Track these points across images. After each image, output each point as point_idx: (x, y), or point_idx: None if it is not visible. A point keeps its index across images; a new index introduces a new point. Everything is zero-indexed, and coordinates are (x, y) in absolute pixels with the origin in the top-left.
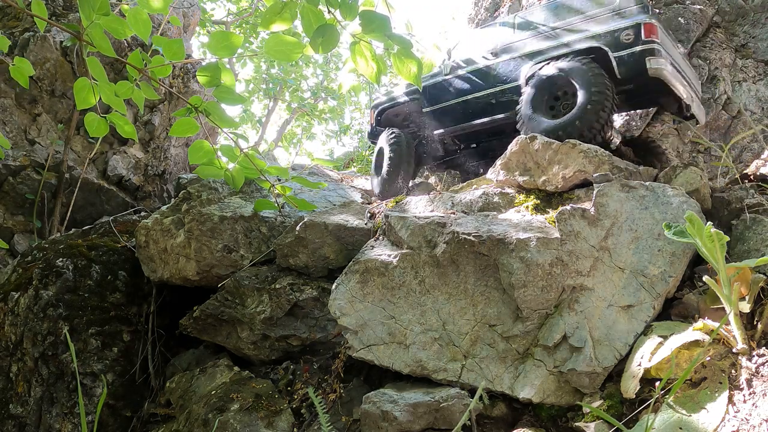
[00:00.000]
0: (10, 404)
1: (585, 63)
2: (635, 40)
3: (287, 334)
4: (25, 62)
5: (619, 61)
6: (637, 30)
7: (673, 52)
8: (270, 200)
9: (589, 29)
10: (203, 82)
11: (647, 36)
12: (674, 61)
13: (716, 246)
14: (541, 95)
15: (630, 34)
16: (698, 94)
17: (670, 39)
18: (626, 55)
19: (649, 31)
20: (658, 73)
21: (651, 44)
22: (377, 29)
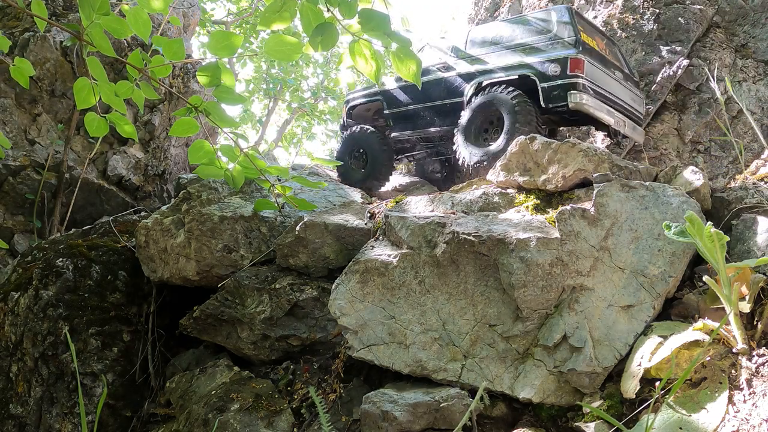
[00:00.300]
0: (10, 404)
1: (510, 94)
2: (561, 73)
3: (287, 334)
4: (25, 62)
5: (545, 92)
6: (563, 64)
7: (606, 81)
8: (270, 200)
9: (526, 56)
10: (203, 82)
11: (572, 71)
12: (605, 90)
13: (716, 246)
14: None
15: (557, 68)
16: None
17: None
18: (551, 87)
19: (575, 67)
20: (578, 107)
21: (575, 79)
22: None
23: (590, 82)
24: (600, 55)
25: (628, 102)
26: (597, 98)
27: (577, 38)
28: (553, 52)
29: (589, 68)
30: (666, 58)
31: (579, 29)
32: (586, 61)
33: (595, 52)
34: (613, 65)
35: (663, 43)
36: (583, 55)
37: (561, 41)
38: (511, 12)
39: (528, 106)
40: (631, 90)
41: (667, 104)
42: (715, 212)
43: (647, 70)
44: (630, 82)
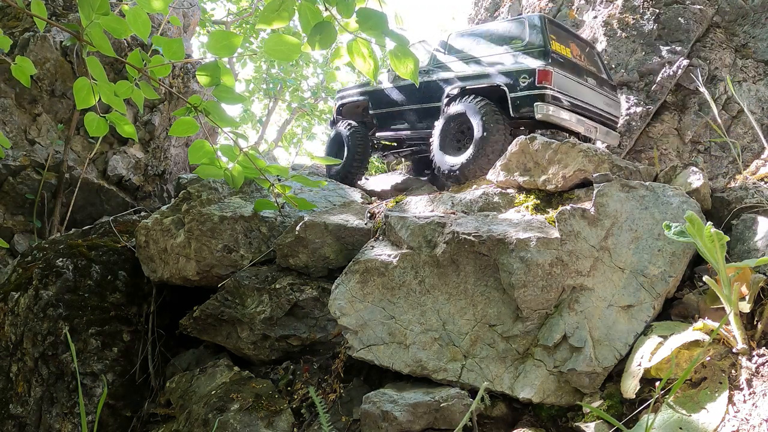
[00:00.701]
0: (10, 404)
1: (479, 104)
2: (529, 84)
3: (287, 334)
4: (26, 61)
5: (514, 102)
6: (531, 75)
7: (576, 89)
8: (270, 200)
9: (498, 65)
10: (203, 81)
11: (539, 82)
12: (575, 98)
13: (716, 246)
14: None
15: (526, 78)
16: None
17: (579, 76)
18: (520, 97)
19: (542, 78)
20: (545, 118)
21: (542, 90)
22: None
23: (558, 92)
24: (572, 63)
25: (601, 107)
26: (565, 107)
27: (547, 49)
28: (523, 62)
29: (558, 78)
30: (666, 58)
31: (551, 37)
32: (554, 72)
33: (566, 60)
34: (587, 72)
35: (663, 43)
36: (551, 66)
37: (531, 51)
38: (511, 12)
39: (496, 117)
40: (605, 95)
41: (667, 104)
42: (715, 212)
43: (647, 70)
44: (606, 87)
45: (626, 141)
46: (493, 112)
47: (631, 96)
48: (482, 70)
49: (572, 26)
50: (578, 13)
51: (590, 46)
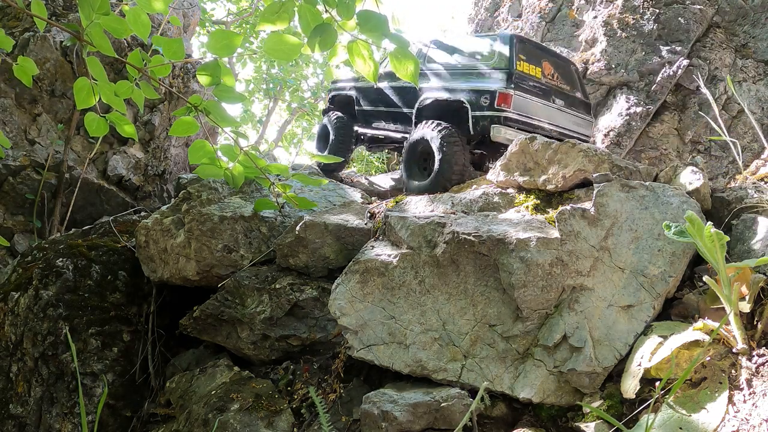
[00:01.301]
0: (10, 404)
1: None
2: (489, 105)
3: (287, 334)
4: (29, 61)
5: (474, 120)
6: (492, 97)
7: (540, 111)
8: (270, 199)
9: (466, 81)
10: (203, 81)
11: (498, 104)
12: (537, 120)
13: (716, 246)
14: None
15: (487, 99)
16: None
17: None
18: (480, 117)
19: (501, 101)
20: (499, 139)
21: (500, 113)
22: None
23: (517, 115)
24: (539, 85)
25: (568, 127)
26: (522, 129)
27: (511, 71)
28: (487, 82)
29: (519, 101)
30: (666, 58)
31: (520, 57)
32: (515, 95)
33: (532, 82)
34: (556, 92)
35: (663, 43)
36: (512, 89)
37: (497, 71)
38: (510, 12)
39: (454, 144)
40: (574, 114)
41: (667, 104)
42: (715, 212)
43: (647, 70)
44: (576, 106)
45: (626, 141)
46: (452, 138)
47: (631, 96)
48: (451, 84)
49: (572, 26)
50: (578, 13)
51: (567, 63)
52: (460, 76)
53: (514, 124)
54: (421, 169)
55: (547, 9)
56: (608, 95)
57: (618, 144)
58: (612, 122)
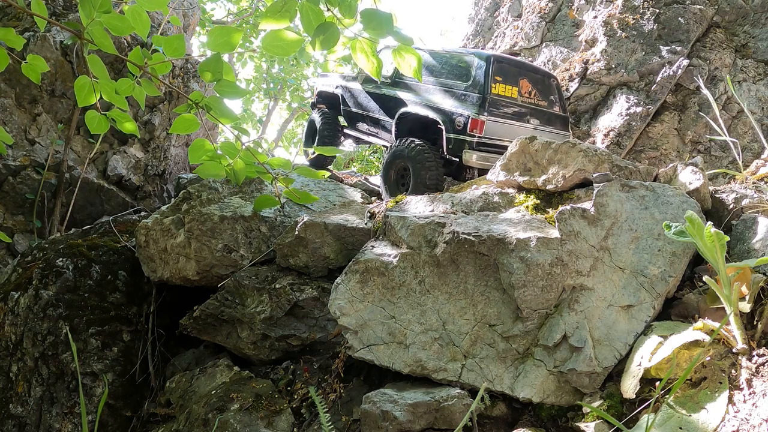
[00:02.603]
0: (10, 404)
1: (414, 149)
2: (462, 129)
3: (287, 334)
4: (38, 59)
5: (447, 141)
6: (465, 121)
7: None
8: (271, 195)
9: (442, 100)
10: (205, 77)
11: (470, 129)
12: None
13: (716, 246)
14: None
15: (461, 123)
16: None
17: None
18: (452, 139)
19: (473, 127)
20: (470, 163)
21: (471, 138)
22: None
23: (488, 139)
24: (514, 108)
25: None
26: (492, 153)
27: (484, 96)
28: (462, 105)
29: (491, 126)
30: (666, 58)
31: (497, 79)
32: (487, 120)
33: (507, 104)
34: (532, 111)
35: (663, 43)
36: (485, 116)
37: (471, 94)
38: (510, 12)
39: (428, 161)
40: (550, 131)
41: (667, 104)
42: (715, 212)
43: (647, 70)
44: (552, 123)
45: (626, 141)
46: (427, 159)
47: (631, 96)
48: (429, 100)
49: (572, 26)
50: (578, 13)
51: (547, 77)
52: (438, 92)
53: (486, 149)
54: (399, 184)
55: (547, 9)
56: (608, 95)
57: (618, 144)
58: (612, 122)
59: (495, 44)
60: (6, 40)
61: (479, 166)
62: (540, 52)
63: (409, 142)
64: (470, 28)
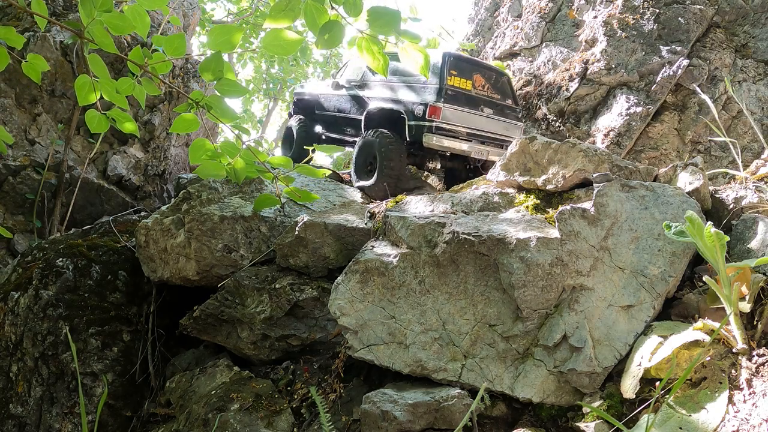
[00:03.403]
0: (10, 404)
1: (379, 137)
2: (422, 116)
3: (287, 334)
4: (38, 58)
5: (409, 129)
6: (424, 109)
7: (468, 119)
8: (271, 194)
9: (405, 93)
10: (205, 77)
11: (429, 115)
12: (465, 127)
13: (716, 246)
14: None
15: (420, 111)
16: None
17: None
18: (415, 126)
19: (431, 113)
20: (430, 145)
21: (430, 123)
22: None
23: (446, 124)
24: (468, 97)
25: (497, 132)
26: (450, 136)
27: (441, 86)
28: (422, 95)
29: (448, 112)
30: (666, 58)
31: (452, 73)
32: (444, 107)
33: (461, 94)
34: (486, 101)
35: (663, 43)
36: (441, 103)
37: (431, 86)
38: (510, 12)
39: (393, 148)
40: (504, 120)
41: (667, 104)
42: (715, 212)
43: (647, 70)
44: (505, 114)
45: (626, 141)
46: (390, 144)
47: (631, 96)
48: (394, 95)
49: (572, 26)
50: (578, 13)
51: (500, 74)
52: (400, 88)
53: (444, 132)
54: (367, 171)
55: (547, 9)
56: (608, 95)
57: (618, 144)
58: (612, 122)
59: (495, 44)
60: (6, 39)
61: (438, 148)
62: (540, 52)
63: (377, 132)
64: (470, 28)
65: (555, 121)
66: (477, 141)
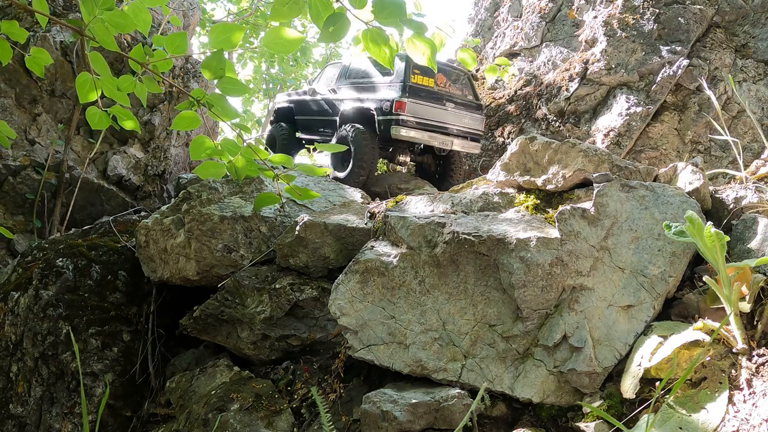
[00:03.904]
0: (10, 404)
1: (353, 131)
2: (389, 111)
3: (287, 334)
4: (42, 52)
5: (379, 123)
6: (391, 104)
7: (432, 113)
8: (272, 192)
9: (374, 93)
10: (207, 75)
11: (395, 110)
12: (429, 120)
13: (716, 246)
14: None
15: (388, 106)
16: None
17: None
18: (383, 120)
19: (398, 107)
20: (398, 136)
21: (396, 116)
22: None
23: (411, 117)
24: (430, 93)
25: (460, 124)
26: (415, 128)
27: (405, 84)
28: (388, 93)
29: (412, 106)
30: (666, 58)
31: (415, 72)
32: (409, 102)
33: (425, 91)
34: (448, 97)
35: (663, 43)
36: (406, 98)
37: (396, 85)
38: (510, 12)
39: (365, 141)
40: (466, 113)
41: (667, 104)
42: (715, 212)
43: (647, 70)
44: (466, 107)
45: (626, 141)
46: (363, 138)
47: (631, 96)
48: (364, 95)
49: (572, 26)
50: (578, 13)
51: (461, 73)
52: (370, 89)
53: (409, 125)
54: (343, 162)
55: (547, 9)
56: (608, 95)
57: (618, 144)
58: (612, 122)
59: (495, 44)
60: (9, 33)
61: (405, 138)
62: (540, 52)
63: (351, 126)
64: (470, 28)
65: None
66: (441, 132)
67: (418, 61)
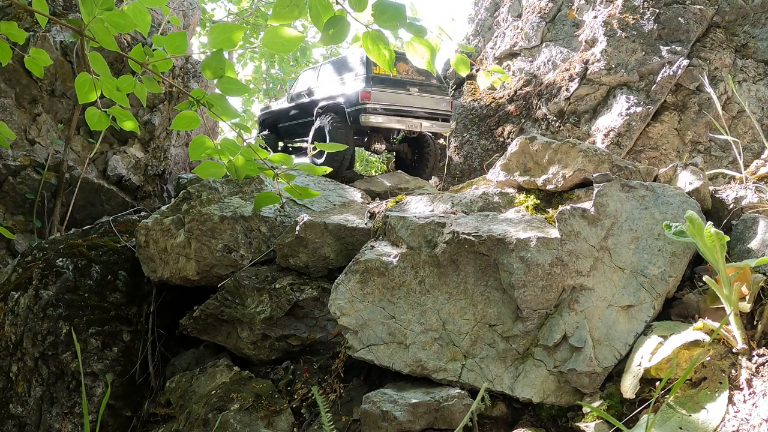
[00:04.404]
0: (10, 404)
1: (328, 119)
2: (357, 101)
3: (287, 334)
4: (41, 53)
5: (349, 114)
6: (357, 95)
7: (397, 99)
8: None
9: (343, 88)
10: (207, 75)
11: (362, 100)
12: (396, 105)
13: (716, 246)
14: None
15: (356, 97)
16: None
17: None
18: (352, 110)
19: (364, 97)
20: (367, 123)
21: (364, 105)
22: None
23: (377, 105)
24: (393, 81)
25: (427, 106)
26: (382, 114)
27: (368, 75)
28: (354, 86)
29: (377, 95)
30: (666, 58)
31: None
32: (373, 91)
33: (388, 80)
34: (411, 82)
35: (663, 43)
36: (371, 88)
37: (360, 78)
38: (510, 12)
39: (339, 128)
40: (432, 96)
41: (667, 104)
42: (715, 212)
43: (647, 70)
44: (431, 90)
45: (626, 141)
46: (337, 125)
47: (631, 96)
48: (335, 91)
49: (572, 26)
50: (578, 13)
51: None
52: (338, 85)
53: (377, 112)
54: (320, 152)
55: (547, 9)
56: (608, 95)
57: (618, 144)
58: (612, 122)
59: (495, 44)
60: (9, 34)
61: (374, 124)
62: (540, 52)
63: (326, 116)
64: (470, 28)
65: (555, 121)
66: (408, 116)
67: (418, 64)
